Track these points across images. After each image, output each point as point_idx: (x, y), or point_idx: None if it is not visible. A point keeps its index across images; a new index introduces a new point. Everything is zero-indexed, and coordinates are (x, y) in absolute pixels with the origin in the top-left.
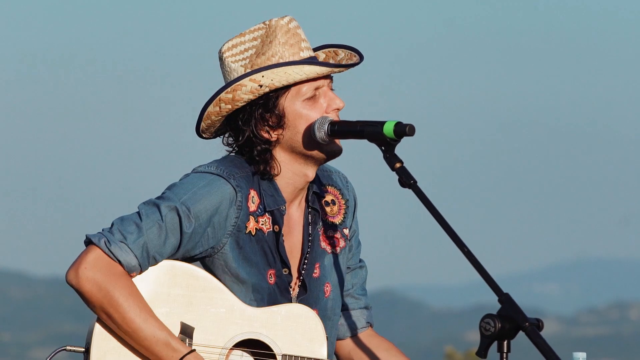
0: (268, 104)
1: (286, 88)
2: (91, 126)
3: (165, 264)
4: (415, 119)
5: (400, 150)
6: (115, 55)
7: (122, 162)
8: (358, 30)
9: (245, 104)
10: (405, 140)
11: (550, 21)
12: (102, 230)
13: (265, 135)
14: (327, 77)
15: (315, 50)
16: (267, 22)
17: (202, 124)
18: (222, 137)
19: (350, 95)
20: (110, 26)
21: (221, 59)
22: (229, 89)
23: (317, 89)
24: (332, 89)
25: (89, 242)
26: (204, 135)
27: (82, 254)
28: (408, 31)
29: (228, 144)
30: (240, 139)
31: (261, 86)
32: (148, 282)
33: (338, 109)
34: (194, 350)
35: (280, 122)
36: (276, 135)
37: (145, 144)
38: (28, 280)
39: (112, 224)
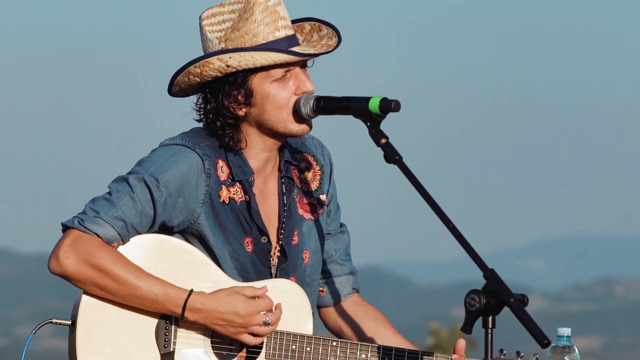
0: (236, 81)
1: (256, 68)
2: (73, 106)
3: (151, 238)
4: (401, 95)
5: (385, 126)
6: (104, 45)
7: (107, 139)
8: (345, 5)
9: (212, 79)
10: (390, 116)
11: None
12: (76, 214)
13: (232, 110)
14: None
15: (299, 21)
16: None
17: (173, 89)
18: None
19: (335, 71)
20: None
21: (200, 25)
22: (197, 64)
23: (287, 70)
24: (306, 68)
25: (65, 228)
26: (175, 94)
27: (59, 241)
28: (395, 7)
29: (198, 109)
30: (207, 108)
31: (228, 66)
32: (134, 256)
33: (306, 92)
34: (192, 290)
35: (247, 100)
36: (243, 112)
37: (129, 121)
38: (14, 256)
39: (84, 206)
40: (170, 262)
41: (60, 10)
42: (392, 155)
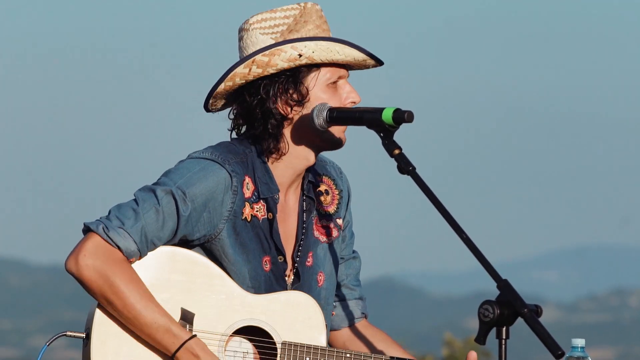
0: (296, 78)
1: (316, 67)
2: (88, 115)
3: (165, 250)
4: (415, 105)
5: (398, 136)
6: (113, 49)
7: (122, 149)
8: (357, 16)
9: (275, 72)
10: (404, 126)
11: (549, 8)
12: (100, 217)
13: (282, 110)
14: (346, 68)
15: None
16: (301, 4)
17: (224, 85)
18: (229, 111)
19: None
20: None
21: (247, 29)
22: (266, 52)
23: (340, 77)
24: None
25: (87, 229)
26: (210, 108)
27: (80, 242)
28: (408, 19)
29: (234, 117)
30: (257, 110)
31: (301, 56)
32: (148, 268)
33: (354, 103)
34: (195, 335)
35: (301, 100)
36: (293, 113)
37: (144, 131)
38: (28, 268)
39: (110, 212)
40: (185, 274)
41: (87, 15)
42: (405, 166)
